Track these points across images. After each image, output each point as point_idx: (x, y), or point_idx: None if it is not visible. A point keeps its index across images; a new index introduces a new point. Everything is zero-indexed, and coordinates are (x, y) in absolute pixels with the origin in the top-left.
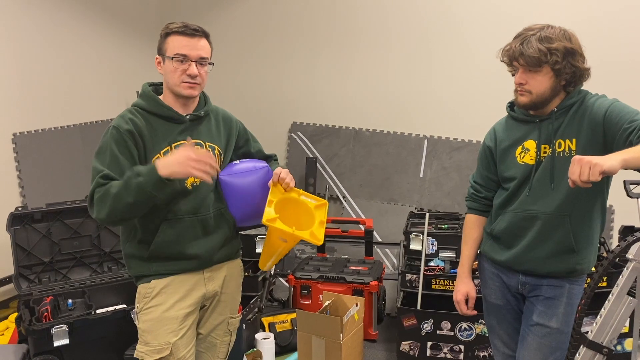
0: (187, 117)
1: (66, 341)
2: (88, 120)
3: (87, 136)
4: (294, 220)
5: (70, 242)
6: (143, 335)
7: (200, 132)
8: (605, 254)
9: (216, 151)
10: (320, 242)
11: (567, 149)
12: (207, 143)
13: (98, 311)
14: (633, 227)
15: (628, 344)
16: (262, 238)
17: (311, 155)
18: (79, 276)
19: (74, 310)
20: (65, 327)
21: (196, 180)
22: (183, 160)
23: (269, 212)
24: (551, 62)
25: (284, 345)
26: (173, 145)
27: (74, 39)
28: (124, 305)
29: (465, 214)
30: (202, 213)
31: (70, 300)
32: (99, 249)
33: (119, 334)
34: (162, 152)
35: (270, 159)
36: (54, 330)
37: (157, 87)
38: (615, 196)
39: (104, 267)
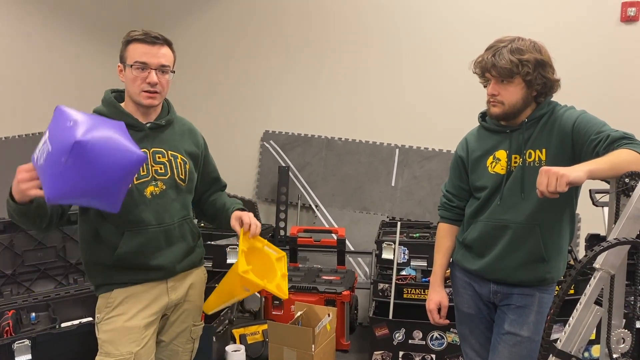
0: (148, 125)
1: (29, 357)
2: None
3: None
4: (255, 269)
5: (34, 254)
6: (104, 346)
7: (162, 141)
8: (572, 262)
9: (179, 160)
10: (286, 296)
11: (537, 159)
12: (169, 152)
13: (63, 325)
14: (599, 235)
15: (595, 351)
16: (234, 248)
17: (283, 164)
18: (43, 289)
19: (37, 324)
20: (27, 342)
21: (156, 189)
22: (19, 186)
23: (242, 264)
24: (522, 73)
25: (255, 357)
26: None
27: (35, 45)
28: (90, 319)
29: (438, 223)
30: (167, 223)
31: (33, 314)
32: (65, 260)
33: (84, 349)
34: None
35: (219, 183)
36: (15, 345)
37: (121, 94)
38: (582, 205)
39: (70, 279)
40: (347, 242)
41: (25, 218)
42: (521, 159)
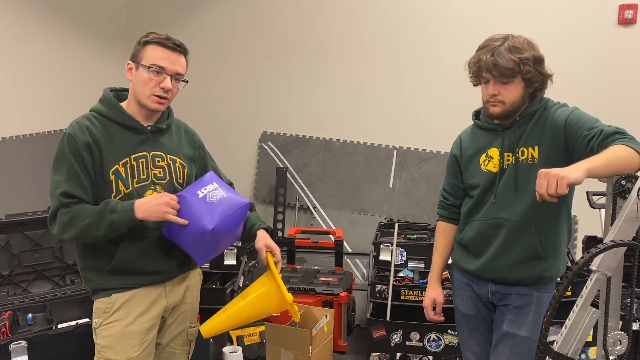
0: (149, 128)
1: (25, 358)
2: (52, 128)
3: (51, 145)
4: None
5: (30, 255)
6: (102, 351)
7: (162, 144)
8: (569, 264)
9: (177, 164)
10: (298, 319)
11: (530, 156)
12: (168, 155)
13: (59, 326)
14: (596, 237)
15: (592, 353)
16: (231, 249)
17: (281, 165)
18: (40, 290)
19: (34, 325)
20: (24, 343)
21: (155, 193)
22: (161, 207)
23: (287, 292)
24: (524, 71)
25: (253, 358)
26: (132, 156)
27: (38, 45)
28: (87, 320)
29: (437, 221)
30: None
31: (30, 315)
32: (62, 261)
33: (81, 350)
34: (120, 163)
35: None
36: (12, 346)
37: (119, 93)
38: (579, 206)
39: (67, 280)
40: (344, 243)
41: (124, 230)
42: (514, 157)
